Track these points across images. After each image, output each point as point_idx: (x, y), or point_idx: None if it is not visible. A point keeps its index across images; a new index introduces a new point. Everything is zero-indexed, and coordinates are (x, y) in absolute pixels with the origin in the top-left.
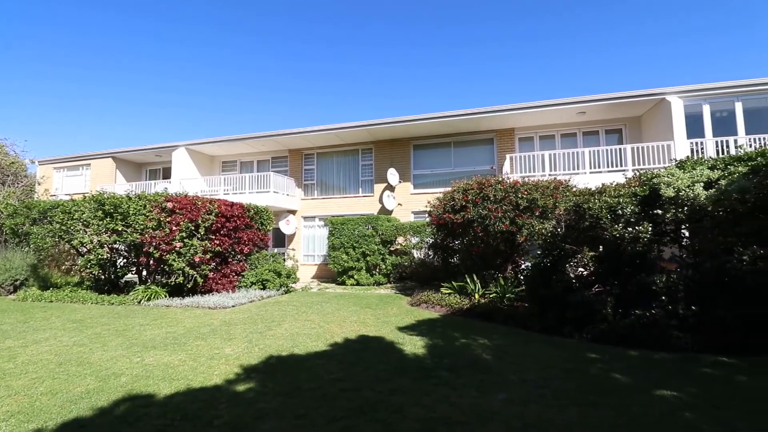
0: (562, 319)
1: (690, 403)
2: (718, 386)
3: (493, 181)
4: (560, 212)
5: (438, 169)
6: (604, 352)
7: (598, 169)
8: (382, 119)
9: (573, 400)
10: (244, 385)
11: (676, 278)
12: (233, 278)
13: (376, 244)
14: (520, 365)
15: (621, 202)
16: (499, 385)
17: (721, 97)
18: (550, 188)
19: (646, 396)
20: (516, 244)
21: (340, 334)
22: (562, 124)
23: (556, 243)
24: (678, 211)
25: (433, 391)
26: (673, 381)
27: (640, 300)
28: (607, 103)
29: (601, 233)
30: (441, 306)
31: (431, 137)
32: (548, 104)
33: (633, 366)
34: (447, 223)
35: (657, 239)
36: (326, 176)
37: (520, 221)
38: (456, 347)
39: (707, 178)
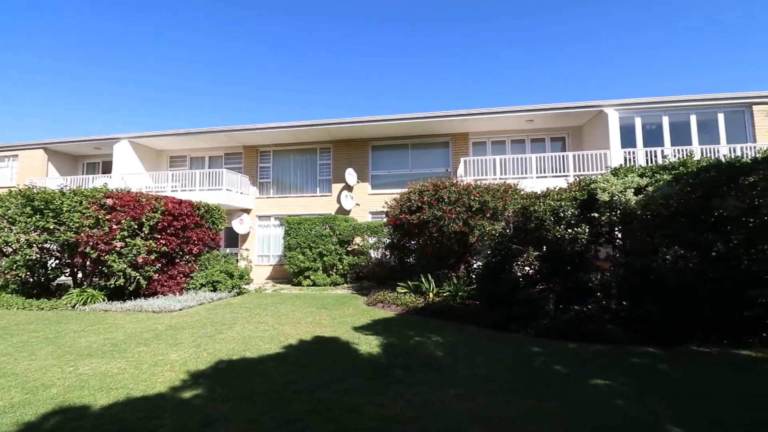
0: (510, 316)
1: (620, 391)
2: (645, 375)
3: (448, 183)
4: (509, 214)
5: (396, 170)
6: (546, 346)
7: (544, 174)
8: (341, 119)
9: (518, 392)
10: (191, 391)
11: (609, 276)
12: (181, 280)
13: (333, 244)
14: (470, 361)
15: (563, 206)
16: (450, 381)
17: (651, 111)
18: (500, 191)
19: (583, 386)
20: (468, 244)
21: (294, 335)
22: (513, 131)
23: (504, 243)
24: (612, 214)
25: (387, 389)
26: (606, 371)
27: (579, 297)
28: (553, 113)
29: (545, 234)
30: (397, 305)
31: (389, 138)
32: (499, 111)
33: (571, 358)
34: (403, 223)
35: (594, 240)
36: (283, 175)
37: (473, 222)
38: (410, 345)
39: (637, 184)
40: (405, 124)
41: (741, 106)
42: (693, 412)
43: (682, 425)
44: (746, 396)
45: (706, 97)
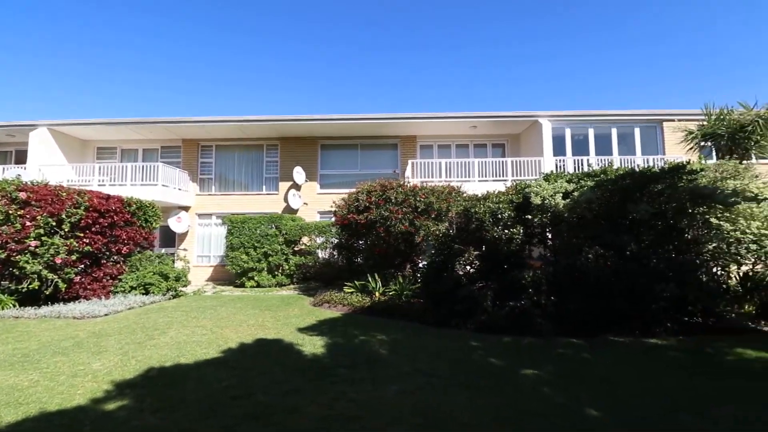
0: (451, 313)
1: (548, 380)
2: (569, 364)
3: (395, 184)
4: (452, 215)
5: (345, 170)
6: (484, 340)
7: (485, 178)
8: (289, 116)
9: (458, 385)
10: (116, 402)
11: (540, 274)
12: (107, 283)
13: (279, 243)
14: (413, 357)
15: (500, 208)
16: (394, 377)
17: (579, 123)
18: (445, 193)
19: (516, 376)
20: (414, 244)
21: (235, 339)
22: (458, 136)
23: (447, 243)
24: (543, 216)
25: (330, 389)
26: (536, 362)
27: (514, 293)
28: (494, 121)
29: (485, 234)
30: (343, 305)
31: (339, 138)
32: (445, 116)
33: (506, 351)
34: (351, 223)
35: (528, 240)
36: (226, 171)
37: (418, 223)
38: (355, 344)
39: (565, 189)
40: (354, 124)
41: (653, 122)
42: (608, 395)
43: (599, 408)
44: (652, 378)
45: (625, 113)
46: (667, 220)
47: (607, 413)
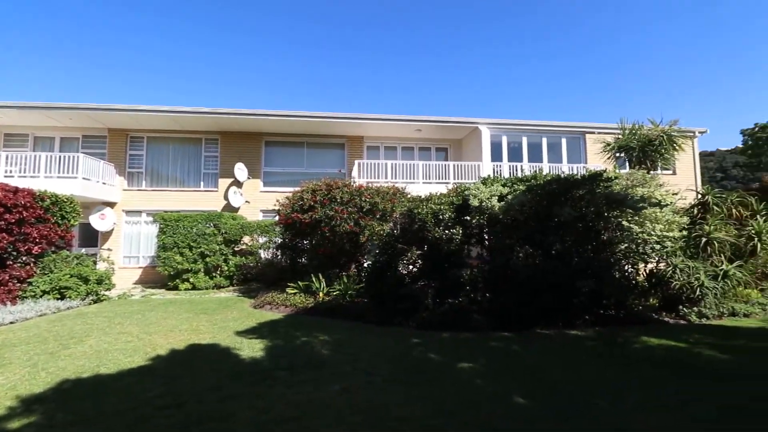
0: (394, 311)
1: (482, 372)
2: (501, 356)
3: (341, 183)
4: (397, 216)
5: (290, 168)
6: (424, 337)
7: (429, 180)
8: (231, 109)
9: (398, 381)
10: (21, 420)
11: (477, 272)
12: (14, 286)
13: (218, 243)
14: (355, 356)
15: (442, 209)
16: (334, 377)
17: (514, 131)
18: (390, 194)
19: (452, 370)
20: (359, 243)
21: (165, 345)
22: (404, 138)
23: (391, 243)
24: (480, 217)
25: (268, 392)
26: (472, 356)
27: (453, 291)
28: (438, 125)
29: (427, 234)
30: (286, 306)
31: (285, 135)
32: (391, 119)
33: (445, 346)
34: (295, 222)
35: (466, 240)
36: (159, 165)
37: (363, 223)
38: (296, 346)
39: (500, 192)
40: (301, 121)
41: (577, 133)
42: (534, 383)
43: (525, 394)
44: (573, 367)
45: (554, 124)
46: (587, 222)
47: (532, 400)
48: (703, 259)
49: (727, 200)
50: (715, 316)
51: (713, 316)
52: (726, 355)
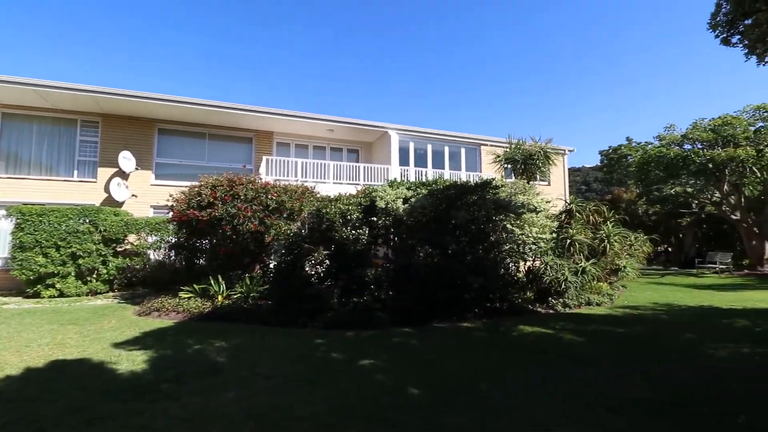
0: (299, 312)
1: (381, 367)
2: (401, 351)
3: (245, 180)
4: (305, 215)
5: (189, 160)
6: (329, 336)
7: (340, 180)
8: (116, 89)
9: (299, 382)
10: None
11: (381, 271)
12: None
13: (95, 242)
14: (254, 361)
15: (350, 209)
16: (230, 384)
17: (420, 138)
18: (298, 193)
19: (354, 368)
20: (265, 243)
21: (18, 364)
22: (316, 137)
23: (298, 243)
24: (386, 218)
25: (148, 408)
26: (373, 352)
27: (359, 290)
28: (350, 127)
29: (334, 235)
30: (178, 312)
31: (183, 124)
32: (303, 116)
33: (348, 345)
34: (191, 220)
35: (373, 240)
36: (20, 148)
37: (269, 221)
38: (187, 355)
39: (405, 195)
40: (201, 110)
41: (474, 145)
42: (429, 374)
43: (419, 385)
44: (462, 356)
45: (455, 135)
46: (479, 224)
47: (426, 390)
48: (568, 258)
49: (586, 208)
50: (576, 305)
51: (574, 306)
52: (581, 338)
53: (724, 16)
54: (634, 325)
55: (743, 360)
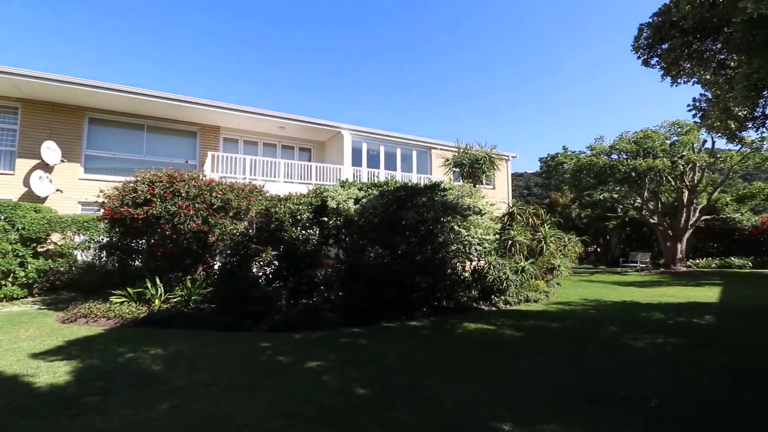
0: (245, 315)
1: (329, 368)
2: (349, 350)
3: (187, 176)
4: (252, 215)
5: (124, 153)
6: (275, 339)
7: (291, 179)
8: (38, 72)
9: (240, 388)
10: None
11: (331, 271)
12: None
13: (10, 242)
14: (194, 368)
15: (300, 209)
16: (165, 393)
17: (373, 140)
18: (246, 191)
19: (300, 370)
20: (208, 243)
21: None
22: (266, 134)
23: (245, 243)
24: (337, 219)
25: (70, 423)
26: (321, 353)
27: (308, 291)
28: (302, 125)
29: (284, 235)
30: (109, 318)
31: (119, 114)
32: (252, 111)
33: (295, 347)
34: (125, 218)
35: (324, 241)
36: None
37: (214, 221)
38: (118, 365)
39: (356, 196)
40: (138, 100)
41: (425, 148)
42: (375, 373)
43: (365, 384)
44: (409, 353)
45: (407, 138)
46: (428, 225)
47: (372, 388)
48: (509, 258)
49: (526, 211)
50: (516, 302)
51: (515, 303)
52: (520, 333)
53: (645, 40)
54: (567, 320)
55: (657, 349)
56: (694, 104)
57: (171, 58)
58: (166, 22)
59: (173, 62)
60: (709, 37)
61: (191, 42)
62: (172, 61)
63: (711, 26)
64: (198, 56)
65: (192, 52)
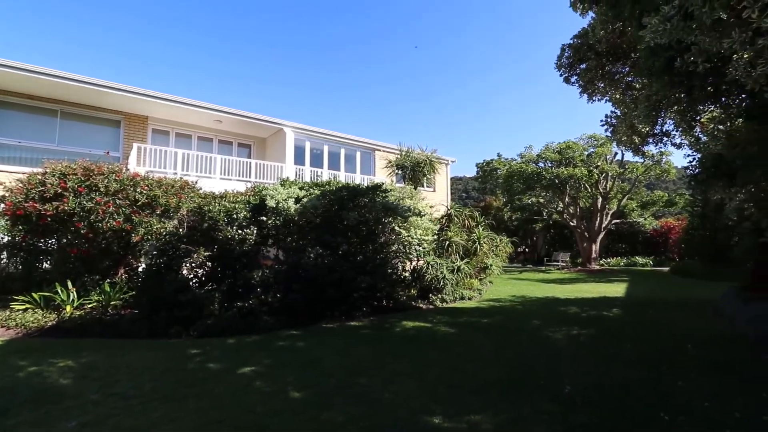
0: (173, 320)
1: (263, 373)
2: (285, 354)
3: (107, 169)
4: (184, 213)
5: (33, 141)
6: (206, 345)
7: (229, 176)
8: None
9: (163, 399)
10: None
11: (269, 272)
12: None
13: None
14: (110, 381)
15: (237, 208)
16: (74, 410)
17: (317, 139)
18: (176, 187)
19: (231, 376)
20: (131, 244)
21: None
22: (201, 127)
23: (174, 243)
24: (277, 218)
25: None
26: (255, 358)
27: (244, 293)
28: (241, 119)
29: (218, 234)
30: (8, 328)
31: (26, 96)
32: (186, 102)
33: (228, 352)
34: (30, 214)
35: (263, 241)
36: None
37: (137, 218)
38: (19, 380)
39: (297, 195)
40: (50, 82)
41: (369, 149)
42: (313, 375)
43: (301, 387)
44: (348, 354)
45: (351, 138)
46: (369, 226)
47: (307, 391)
48: (446, 258)
49: (463, 214)
50: (452, 300)
51: (451, 301)
52: (454, 330)
53: (567, 60)
54: (496, 316)
55: (572, 340)
56: (606, 120)
57: (96, 39)
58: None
59: (95, 44)
60: (620, 60)
61: (127, 24)
62: (95, 43)
63: (621, 51)
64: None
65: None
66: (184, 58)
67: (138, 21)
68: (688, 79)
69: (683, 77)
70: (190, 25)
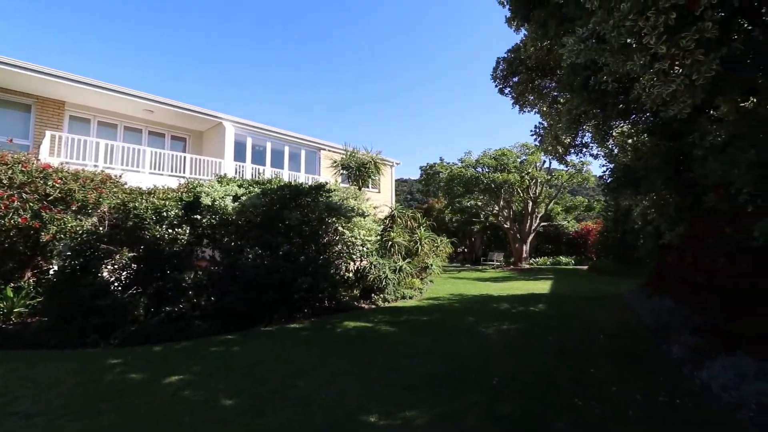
0: (89, 328)
1: (191, 381)
2: (219, 360)
3: (11, 159)
4: (105, 210)
5: None
6: (128, 355)
7: (160, 171)
8: None
9: (73, 416)
10: None
11: (203, 274)
12: None
13: None
14: (9, 397)
15: (167, 205)
16: None
17: (259, 135)
18: (96, 181)
19: (155, 387)
20: (41, 243)
21: None
22: (128, 117)
23: (92, 243)
24: (212, 217)
25: None
26: (184, 366)
27: (174, 297)
28: (175, 110)
29: (145, 234)
30: None
31: None
32: (111, 88)
33: (152, 361)
34: None
35: (196, 241)
36: None
37: (48, 215)
38: None
39: (235, 193)
40: None
41: (314, 148)
42: (247, 380)
43: (234, 394)
44: (286, 357)
45: (296, 136)
46: (312, 226)
47: (241, 398)
48: (389, 258)
49: (405, 215)
50: (394, 299)
51: (392, 300)
52: (394, 328)
53: (501, 72)
54: (435, 313)
55: (502, 334)
56: (535, 130)
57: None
58: None
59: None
60: (547, 76)
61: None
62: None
63: (548, 68)
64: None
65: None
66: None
67: None
68: (602, 96)
69: (598, 95)
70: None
